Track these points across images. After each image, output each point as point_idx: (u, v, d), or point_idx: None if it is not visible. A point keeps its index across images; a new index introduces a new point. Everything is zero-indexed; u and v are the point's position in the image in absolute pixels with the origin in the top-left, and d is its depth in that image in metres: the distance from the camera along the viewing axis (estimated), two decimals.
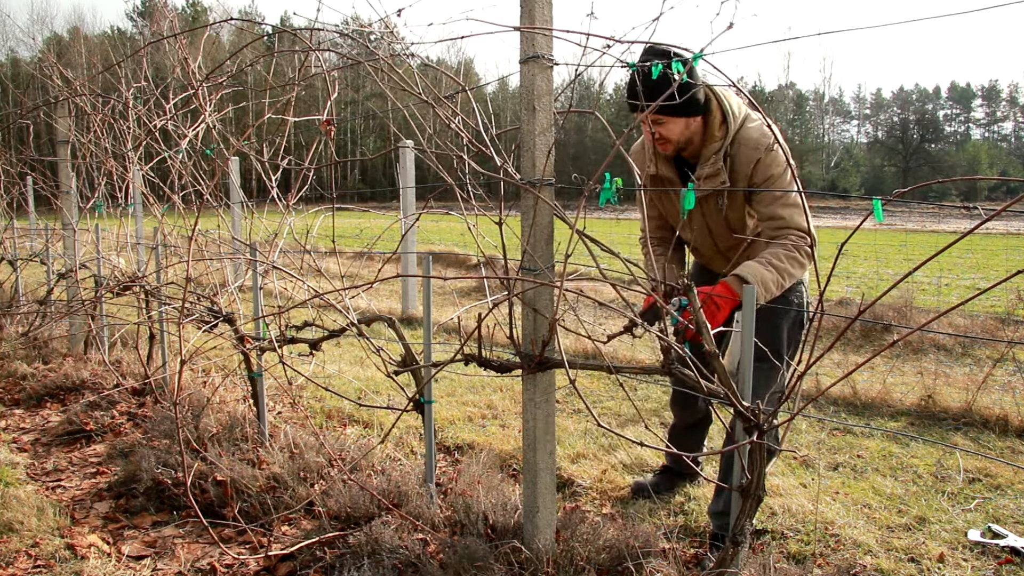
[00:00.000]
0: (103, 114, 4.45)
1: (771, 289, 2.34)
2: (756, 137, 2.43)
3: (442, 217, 19.20)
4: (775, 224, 2.43)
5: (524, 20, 2.14)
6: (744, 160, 2.44)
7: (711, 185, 2.48)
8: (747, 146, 2.43)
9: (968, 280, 10.24)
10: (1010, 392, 4.46)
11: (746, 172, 2.44)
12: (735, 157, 2.46)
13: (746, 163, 2.43)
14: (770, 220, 2.45)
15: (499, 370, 2.34)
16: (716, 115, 2.46)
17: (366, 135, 51.61)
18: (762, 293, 2.30)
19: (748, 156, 2.43)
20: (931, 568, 2.55)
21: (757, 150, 2.41)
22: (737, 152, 2.45)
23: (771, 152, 2.40)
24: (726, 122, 2.46)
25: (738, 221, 2.58)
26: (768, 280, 2.33)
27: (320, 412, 4.32)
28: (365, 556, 2.47)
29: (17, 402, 4.65)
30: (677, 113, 2.41)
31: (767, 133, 2.42)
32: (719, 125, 2.46)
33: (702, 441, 3.26)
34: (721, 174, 2.46)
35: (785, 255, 2.37)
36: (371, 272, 7.20)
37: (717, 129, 2.46)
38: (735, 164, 2.46)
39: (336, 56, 2.91)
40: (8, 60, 40.58)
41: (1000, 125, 70.81)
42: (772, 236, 2.45)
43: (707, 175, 2.49)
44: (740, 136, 2.45)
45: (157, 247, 4.10)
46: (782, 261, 2.36)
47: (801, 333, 2.67)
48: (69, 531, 2.87)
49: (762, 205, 2.46)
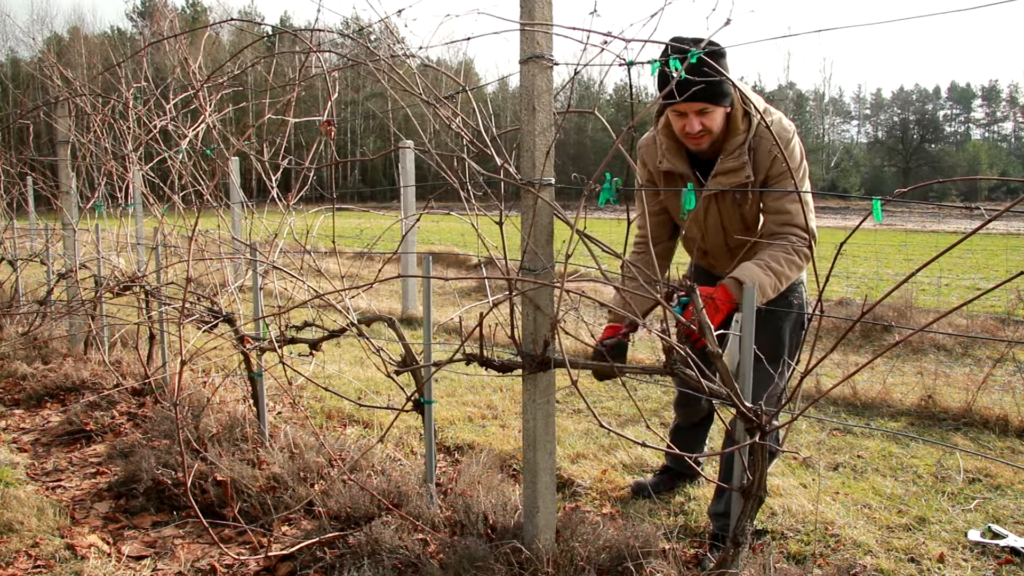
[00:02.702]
0: (103, 114, 4.45)
1: (768, 293, 2.34)
2: (777, 130, 2.40)
3: (442, 217, 19.21)
4: (781, 219, 2.43)
5: (524, 19, 2.13)
6: (765, 151, 2.42)
7: (734, 180, 2.44)
8: (767, 139, 2.41)
9: (968, 280, 10.24)
10: (1010, 392, 4.45)
11: (766, 164, 2.43)
12: (757, 149, 2.44)
13: (767, 154, 2.42)
14: (777, 214, 2.44)
15: (500, 370, 2.34)
16: (739, 108, 2.43)
17: (366, 135, 51.61)
18: (758, 297, 2.30)
19: (768, 150, 2.42)
20: (931, 568, 2.55)
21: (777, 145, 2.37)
22: (759, 145, 2.43)
23: (791, 144, 2.40)
24: (748, 115, 2.44)
25: (754, 217, 2.56)
26: (766, 284, 2.32)
27: (320, 412, 4.32)
28: (365, 556, 2.47)
29: (17, 402, 4.65)
30: (718, 102, 2.36)
31: (787, 127, 2.43)
32: (742, 117, 2.43)
33: (703, 441, 3.26)
34: (746, 168, 2.43)
35: (784, 258, 2.36)
36: (371, 272, 7.20)
37: (740, 122, 2.43)
38: (757, 156, 2.44)
39: (336, 56, 2.91)
40: (8, 60, 40.60)
41: (1000, 125, 70.88)
42: (775, 231, 2.44)
43: (730, 169, 2.45)
44: (761, 130, 2.42)
45: (157, 247, 4.10)
46: (780, 264, 2.35)
47: (801, 334, 2.65)
48: (69, 531, 2.87)
49: (771, 198, 2.45)
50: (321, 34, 2.53)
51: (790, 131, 2.43)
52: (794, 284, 2.64)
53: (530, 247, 2.21)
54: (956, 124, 70.69)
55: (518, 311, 2.28)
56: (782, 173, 2.41)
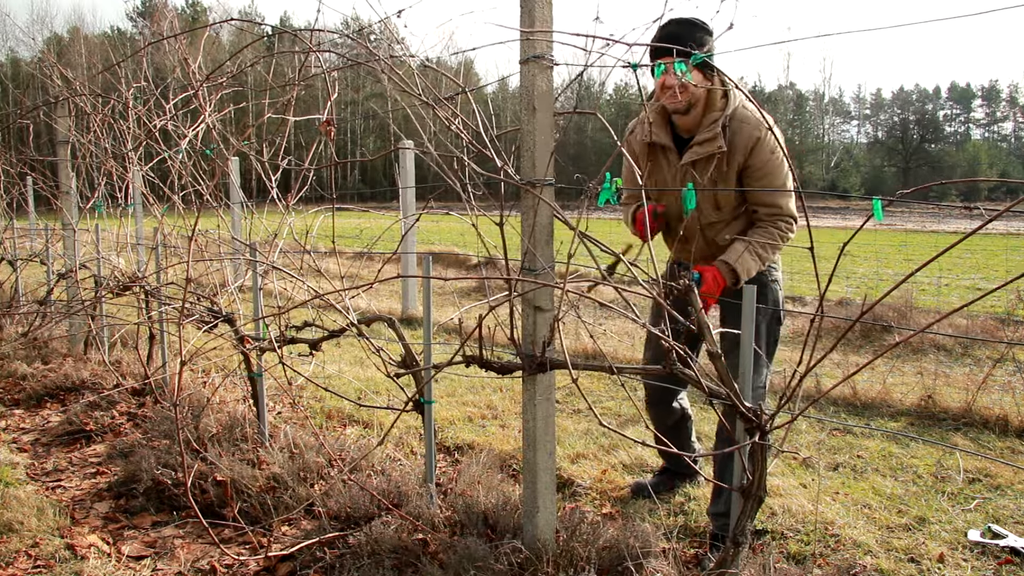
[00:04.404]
0: (103, 114, 4.45)
1: (752, 274, 2.59)
2: (757, 118, 2.57)
3: (442, 217, 19.20)
4: (770, 211, 2.63)
5: (524, 20, 2.13)
6: (745, 136, 2.58)
7: (708, 149, 2.62)
8: (748, 124, 2.58)
9: (968, 280, 10.24)
10: (1010, 392, 4.45)
11: (745, 149, 2.58)
12: (737, 132, 2.59)
13: (747, 139, 2.58)
14: (766, 207, 2.63)
15: (500, 371, 2.34)
16: (718, 87, 2.64)
17: (366, 135, 51.60)
18: (744, 277, 2.55)
19: (749, 133, 2.57)
20: (931, 568, 2.55)
21: (758, 129, 2.56)
22: (739, 128, 2.59)
23: (771, 135, 2.55)
24: (727, 96, 2.63)
25: (727, 201, 2.71)
26: (751, 268, 2.57)
27: (320, 412, 4.32)
28: (365, 556, 2.47)
29: (17, 402, 4.65)
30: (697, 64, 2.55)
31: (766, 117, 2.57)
32: (720, 96, 2.64)
33: (688, 440, 3.23)
34: (718, 139, 2.59)
35: (768, 242, 2.59)
36: (371, 272, 7.20)
37: (719, 99, 2.63)
38: (736, 139, 2.60)
39: (336, 56, 2.91)
40: (8, 60, 40.58)
41: (1000, 125, 70.81)
42: (762, 219, 2.65)
43: (705, 139, 2.63)
44: (739, 113, 2.60)
45: (157, 247, 4.10)
46: (765, 250, 2.59)
47: (779, 329, 2.83)
48: (69, 531, 2.87)
49: (760, 192, 2.63)
50: (321, 34, 2.53)
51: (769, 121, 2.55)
52: (767, 281, 2.80)
53: (530, 248, 2.21)
54: (956, 124, 70.66)
55: (518, 312, 2.28)
56: (766, 161, 2.58)
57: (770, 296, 2.80)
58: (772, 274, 2.83)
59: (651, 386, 3.09)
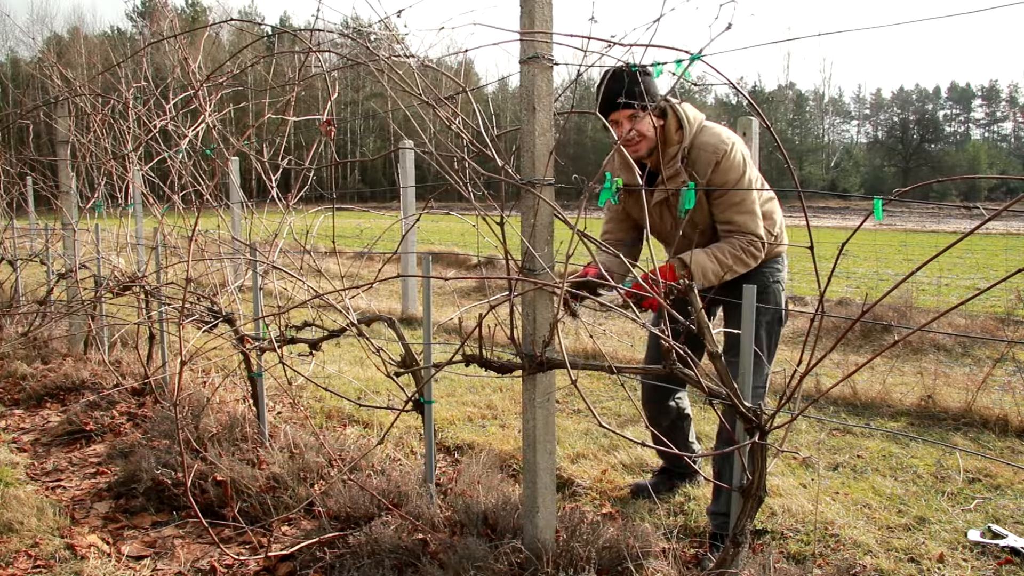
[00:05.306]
0: (103, 114, 4.45)
1: (709, 277, 2.60)
2: (714, 143, 2.62)
3: (442, 217, 19.21)
4: (728, 228, 2.68)
5: (524, 20, 2.13)
6: (704, 162, 2.63)
7: (673, 185, 2.68)
8: (705, 151, 2.63)
9: (968, 280, 10.24)
10: (1010, 392, 4.46)
11: (705, 174, 2.64)
12: (696, 161, 2.65)
13: (705, 165, 2.63)
14: (725, 224, 2.68)
15: (500, 371, 2.34)
16: (672, 122, 2.68)
17: (366, 135, 51.60)
18: (699, 277, 2.58)
19: (707, 159, 2.62)
20: (931, 568, 2.55)
21: (715, 154, 2.60)
22: (698, 157, 2.65)
23: (728, 156, 2.61)
24: (682, 128, 2.68)
25: (703, 221, 2.78)
26: (708, 268, 2.59)
27: (320, 412, 4.32)
28: (365, 556, 2.47)
29: (17, 402, 4.65)
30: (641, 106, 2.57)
31: (724, 139, 2.65)
32: (675, 131, 2.68)
33: (687, 439, 3.24)
34: (681, 174, 2.65)
35: (731, 252, 2.62)
36: (371, 272, 7.20)
37: (674, 134, 2.68)
38: (696, 167, 2.65)
39: (336, 56, 2.91)
40: (8, 60, 40.57)
41: (1000, 125, 70.77)
42: (723, 235, 2.70)
43: (669, 176, 2.69)
44: (697, 141, 2.65)
45: (157, 247, 4.10)
46: (726, 256, 2.62)
47: (780, 330, 2.85)
48: (69, 531, 2.87)
49: (719, 210, 2.68)
50: (321, 34, 2.53)
51: (726, 143, 2.64)
52: (769, 283, 2.82)
53: (530, 247, 2.21)
54: (956, 124, 70.64)
55: (518, 311, 2.28)
56: (725, 183, 2.63)
57: (772, 299, 2.82)
58: (775, 275, 2.85)
59: (645, 384, 3.11)
